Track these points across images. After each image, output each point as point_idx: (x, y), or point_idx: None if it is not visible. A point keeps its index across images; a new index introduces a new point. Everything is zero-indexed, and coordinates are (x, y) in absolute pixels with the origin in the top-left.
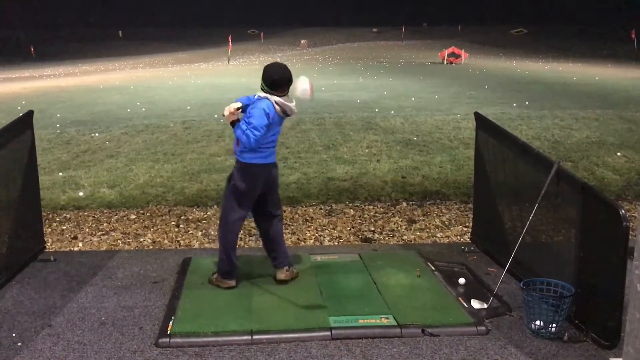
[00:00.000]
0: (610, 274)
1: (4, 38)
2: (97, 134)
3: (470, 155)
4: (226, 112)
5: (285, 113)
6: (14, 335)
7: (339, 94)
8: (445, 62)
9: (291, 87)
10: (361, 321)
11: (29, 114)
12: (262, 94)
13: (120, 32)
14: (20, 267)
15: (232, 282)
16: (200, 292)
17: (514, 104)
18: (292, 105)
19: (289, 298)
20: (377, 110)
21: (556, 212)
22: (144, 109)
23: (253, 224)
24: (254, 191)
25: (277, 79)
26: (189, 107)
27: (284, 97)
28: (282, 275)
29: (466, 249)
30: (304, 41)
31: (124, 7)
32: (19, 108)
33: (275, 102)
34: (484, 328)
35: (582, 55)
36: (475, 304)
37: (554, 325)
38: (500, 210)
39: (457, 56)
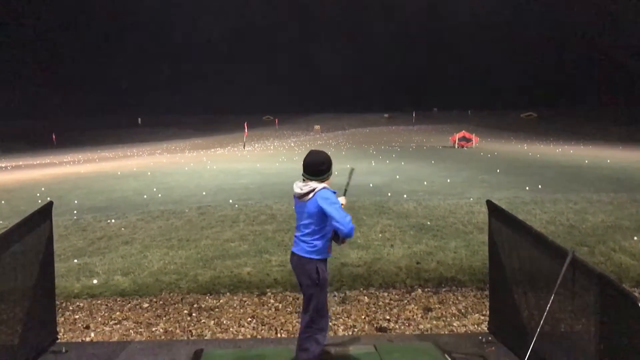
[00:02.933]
0: None
1: (27, 126)
2: (113, 220)
3: (484, 240)
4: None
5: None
6: None
7: (352, 178)
8: (456, 146)
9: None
10: None
11: (49, 205)
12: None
13: (139, 119)
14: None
15: None
16: None
17: (527, 188)
18: (296, 184)
19: None
20: (389, 194)
21: (574, 302)
22: (160, 195)
23: None
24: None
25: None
26: (204, 193)
27: (303, 180)
28: None
29: (484, 339)
30: (317, 126)
31: (143, 95)
32: (37, 195)
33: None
34: None
35: (592, 138)
36: None
37: None
38: (516, 298)
39: (468, 140)
